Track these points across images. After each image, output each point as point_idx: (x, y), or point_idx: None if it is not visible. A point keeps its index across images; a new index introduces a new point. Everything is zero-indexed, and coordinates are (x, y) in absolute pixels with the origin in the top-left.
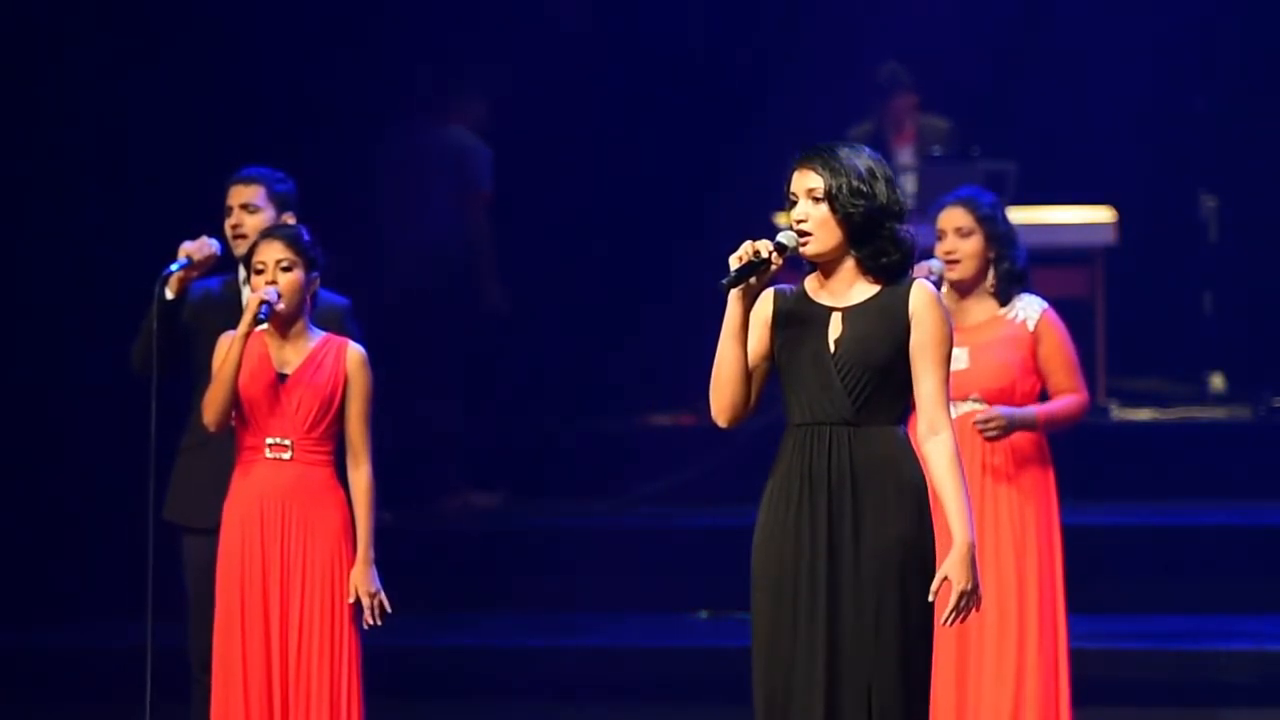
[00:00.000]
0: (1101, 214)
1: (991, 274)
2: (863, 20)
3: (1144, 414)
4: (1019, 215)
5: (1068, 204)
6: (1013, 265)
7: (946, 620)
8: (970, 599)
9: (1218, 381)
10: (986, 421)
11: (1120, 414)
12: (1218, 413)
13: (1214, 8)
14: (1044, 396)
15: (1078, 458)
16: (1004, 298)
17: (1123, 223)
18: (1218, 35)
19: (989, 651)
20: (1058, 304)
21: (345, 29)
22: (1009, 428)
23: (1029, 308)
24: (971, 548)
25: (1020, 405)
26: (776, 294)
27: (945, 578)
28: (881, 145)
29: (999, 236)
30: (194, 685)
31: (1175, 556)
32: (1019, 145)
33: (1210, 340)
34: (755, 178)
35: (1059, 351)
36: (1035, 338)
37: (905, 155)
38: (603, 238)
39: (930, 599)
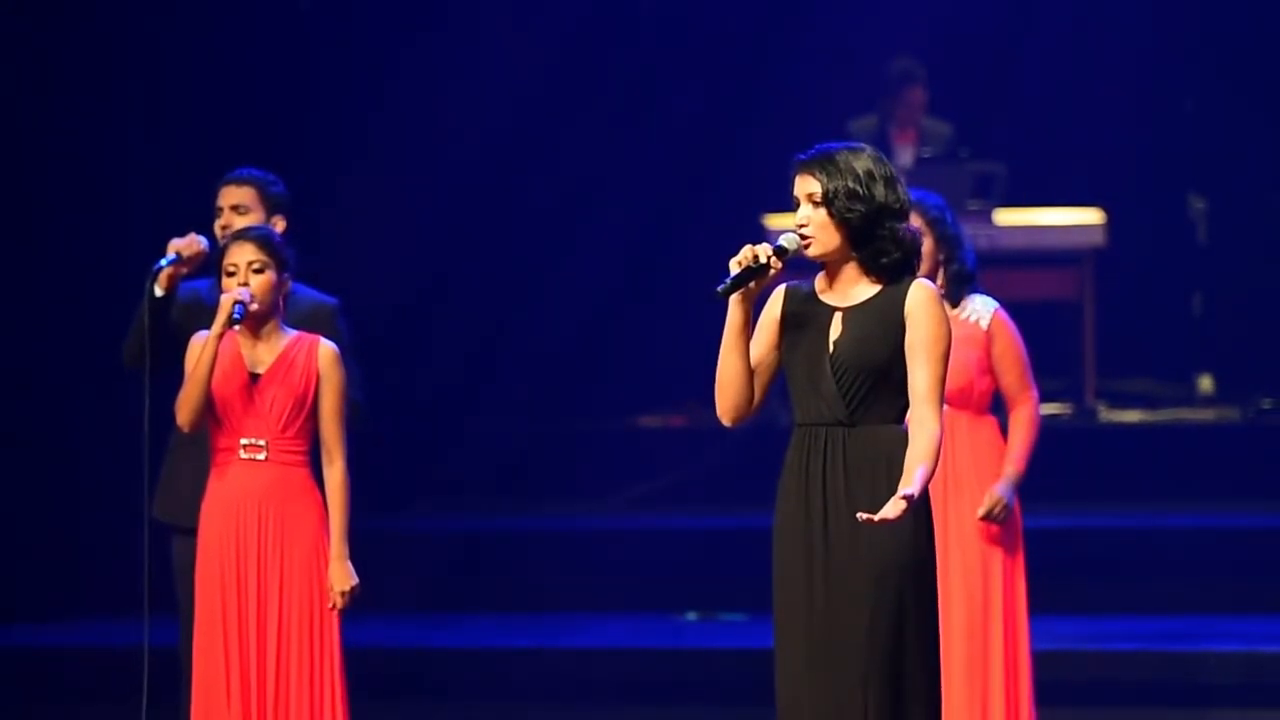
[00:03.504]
0: (1090, 216)
1: (941, 276)
2: (851, 19)
3: (1133, 416)
4: (1008, 217)
5: (1057, 205)
6: (962, 266)
7: (863, 516)
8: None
9: (1206, 383)
10: (992, 512)
11: (1109, 415)
12: (1206, 414)
13: (1202, 9)
14: (997, 396)
15: (1066, 459)
16: (954, 299)
17: (1112, 224)
18: (1206, 37)
19: (956, 653)
20: (1046, 306)
21: (343, 28)
22: (1011, 500)
23: (981, 308)
24: (907, 496)
25: (977, 404)
26: (788, 292)
27: (900, 499)
28: (883, 141)
29: (948, 238)
30: (184, 685)
31: (1163, 558)
32: (1008, 147)
33: (1199, 342)
34: (752, 176)
35: (1011, 351)
36: (989, 337)
37: (905, 155)
38: (596, 238)
39: (895, 501)
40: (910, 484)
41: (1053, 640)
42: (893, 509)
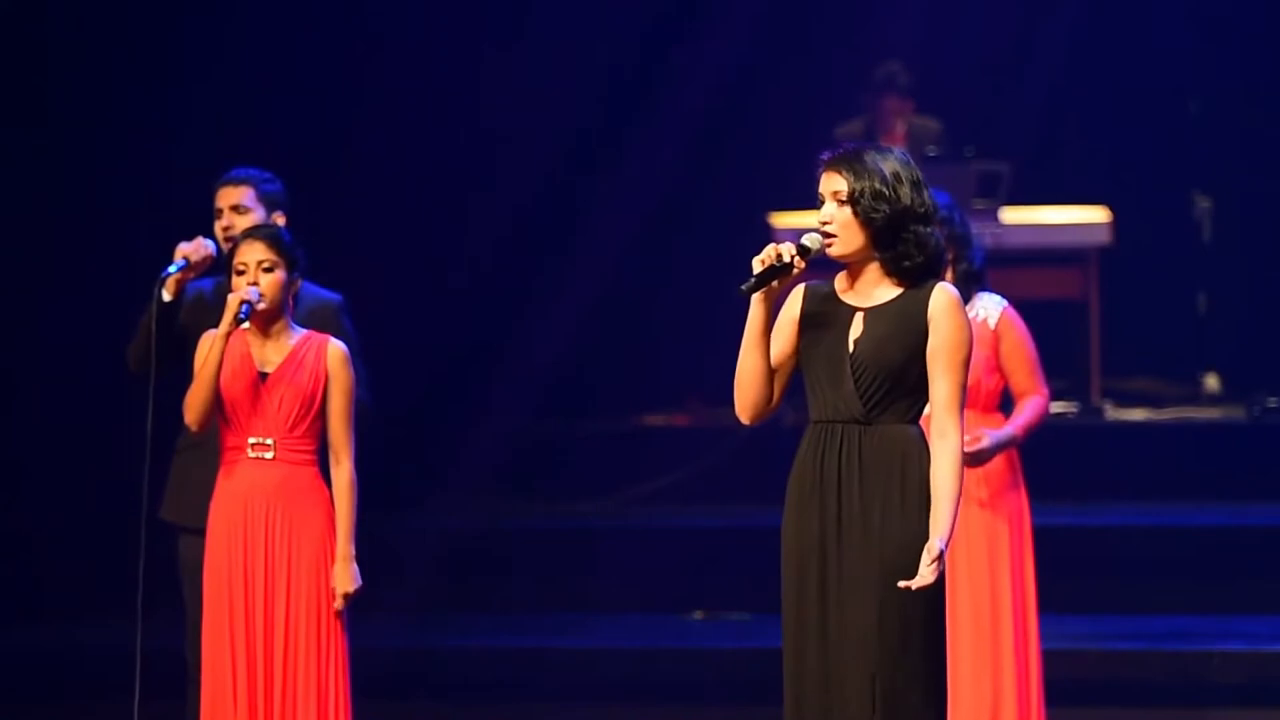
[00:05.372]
0: (1096, 214)
1: (950, 274)
2: (855, 18)
3: (1138, 414)
4: (1013, 215)
5: (1062, 204)
6: (970, 265)
7: (904, 583)
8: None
9: (1212, 382)
10: (969, 453)
11: (1115, 414)
12: (1212, 413)
13: (1208, 9)
14: (1005, 394)
15: (1072, 457)
16: (963, 297)
17: (1117, 223)
18: (1211, 37)
19: (965, 651)
20: (1052, 304)
21: (343, 27)
22: (991, 454)
23: (989, 306)
24: (940, 552)
25: (985, 403)
26: (807, 291)
27: (938, 556)
28: None
29: (957, 237)
30: (190, 685)
31: (1169, 557)
32: (1013, 145)
33: (1204, 340)
34: (758, 174)
35: (1020, 349)
36: (997, 336)
37: None
38: (600, 236)
39: (924, 565)
40: (940, 531)
41: (1058, 639)
42: (930, 574)
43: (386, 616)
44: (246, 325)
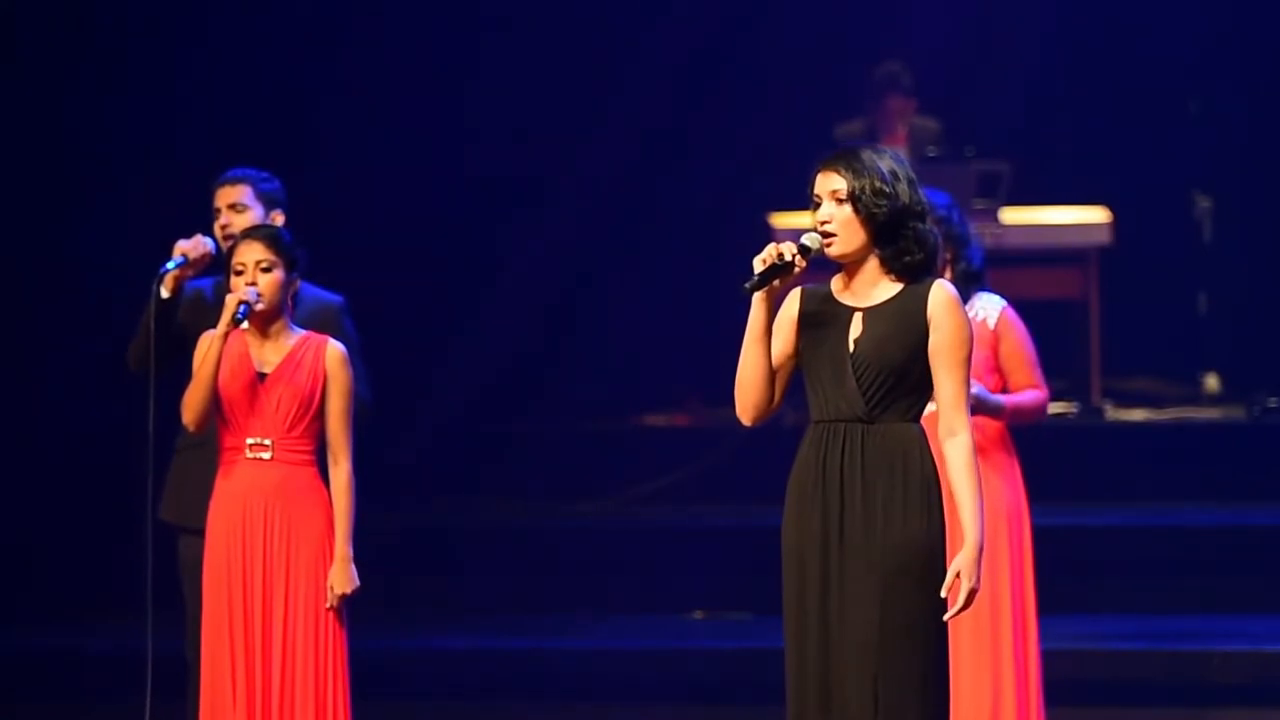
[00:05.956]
0: (1096, 214)
1: (949, 274)
2: (857, 18)
3: (1138, 414)
4: (1013, 216)
5: (1062, 204)
6: (969, 265)
7: (948, 615)
8: (973, 597)
9: (1212, 382)
10: None
11: (1115, 414)
12: (1212, 413)
13: (1209, 10)
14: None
15: (1072, 458)
16: (963, 297)
17: (1117, 223)
18: (1212, 37)
19: (965, 651)
20: (1052, 305)
21: (342, 29)
22: (975, 408)
23: (988, 306)
24: (981, 549)
25: None
26: (804, 293)
27: (958, 574)
28: None
29: (955, 237)
30: (190, 685)
31: (1169, 557)
32: (1013, 145)
33: (1204, 341)
34: (758, 175)
35: (1019, 349)
36: (996, 336)
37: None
38: (600, 236)
39: (943, 594)
40: (971, 540)
41: (1057, 639)
42: (961, 598)
43: (386, 616)
44: (245, 326)
